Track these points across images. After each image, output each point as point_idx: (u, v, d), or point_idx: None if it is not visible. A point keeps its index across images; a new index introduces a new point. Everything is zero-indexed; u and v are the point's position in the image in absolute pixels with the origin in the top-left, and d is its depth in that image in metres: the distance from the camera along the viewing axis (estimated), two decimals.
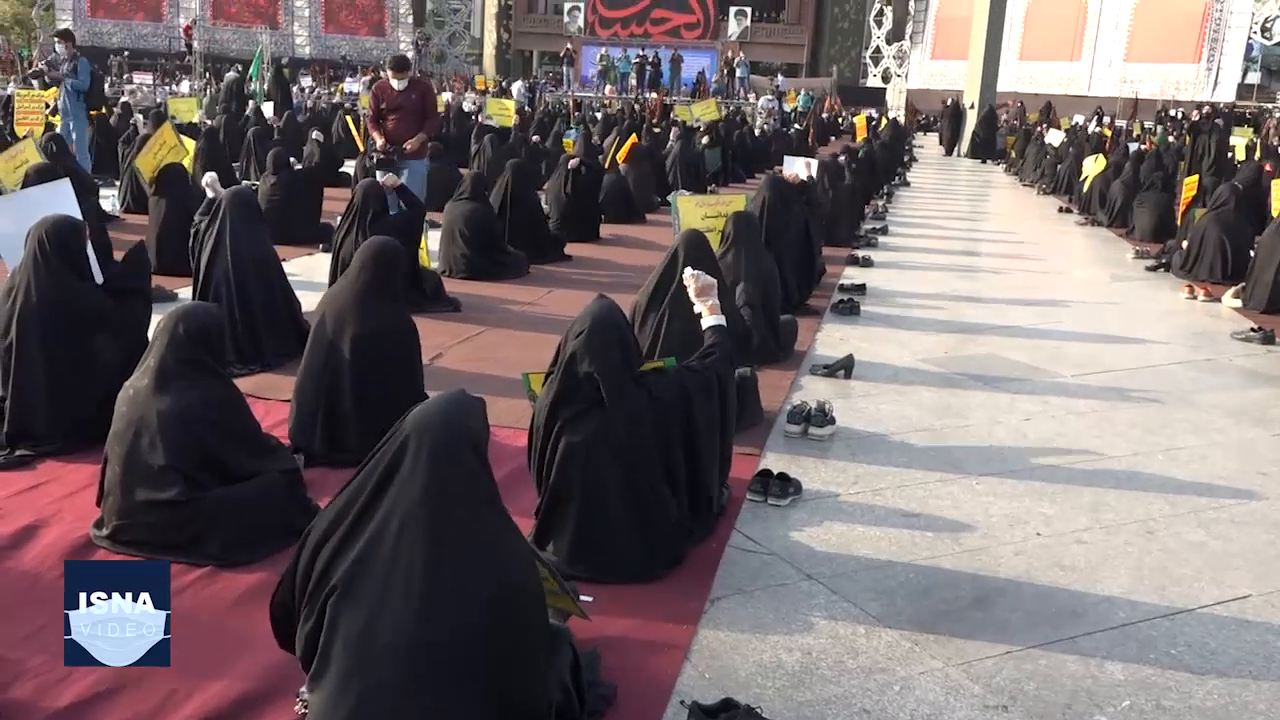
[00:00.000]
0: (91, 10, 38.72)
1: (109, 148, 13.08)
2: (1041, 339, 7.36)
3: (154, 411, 3.43)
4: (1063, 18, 36.37)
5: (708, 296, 3.94)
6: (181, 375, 3.48)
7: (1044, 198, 17.47)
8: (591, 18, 43.25)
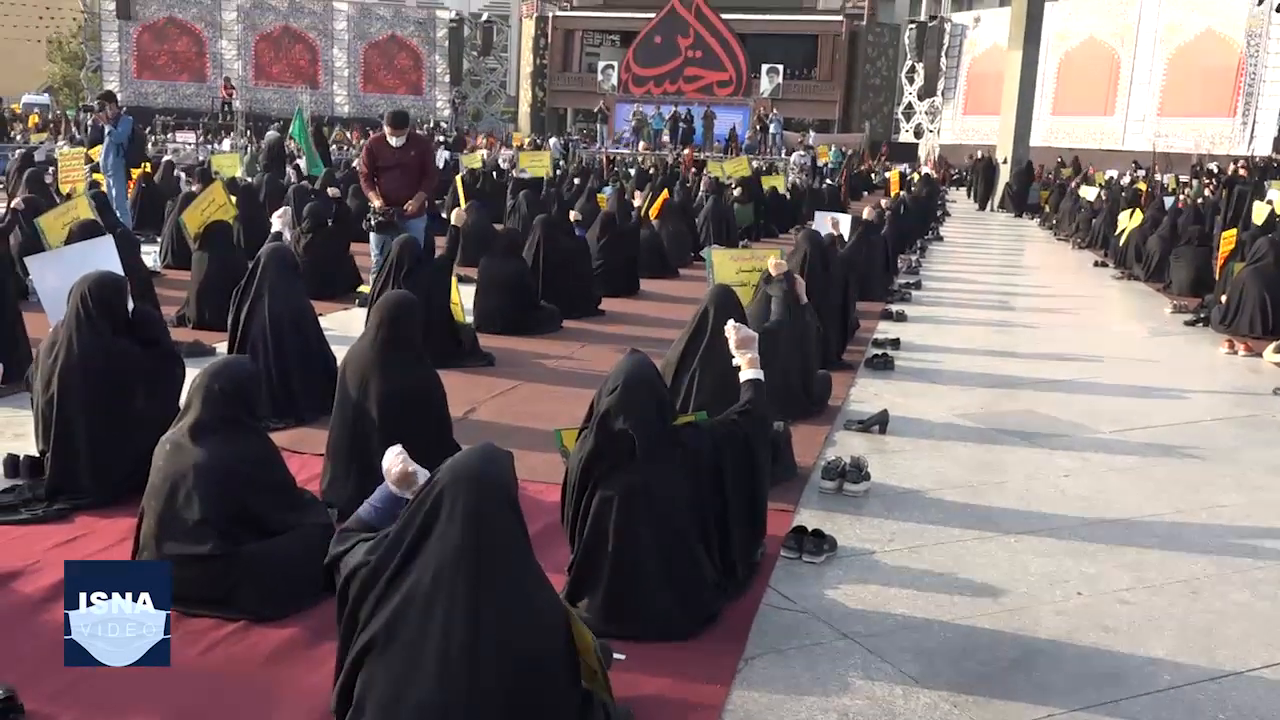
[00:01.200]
0: (137, 71, 39.71)
1: (151, 205, 13.32)
2: (1079, 394, 7.29)
3: (190, 466, 3.45)
4: (1095, 72, 36.42)
5: (747, 350, 3.93)
6: (217, 430, 3.51)
7: (1079, 252, 17.39)
8: (625, 76, 43.80)
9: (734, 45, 42.54)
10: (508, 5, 58.19)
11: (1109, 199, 19.54)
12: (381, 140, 8.69)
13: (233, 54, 40.81)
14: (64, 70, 55.97)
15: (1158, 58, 34.57)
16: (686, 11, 42.48)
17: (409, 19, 44.50)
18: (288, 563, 3.52)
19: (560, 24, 47.65)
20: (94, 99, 15.04)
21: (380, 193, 8.55)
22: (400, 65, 43.37)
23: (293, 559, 3.54)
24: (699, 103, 39.42)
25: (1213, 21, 33.15)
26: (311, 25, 42.26)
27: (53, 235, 8.29)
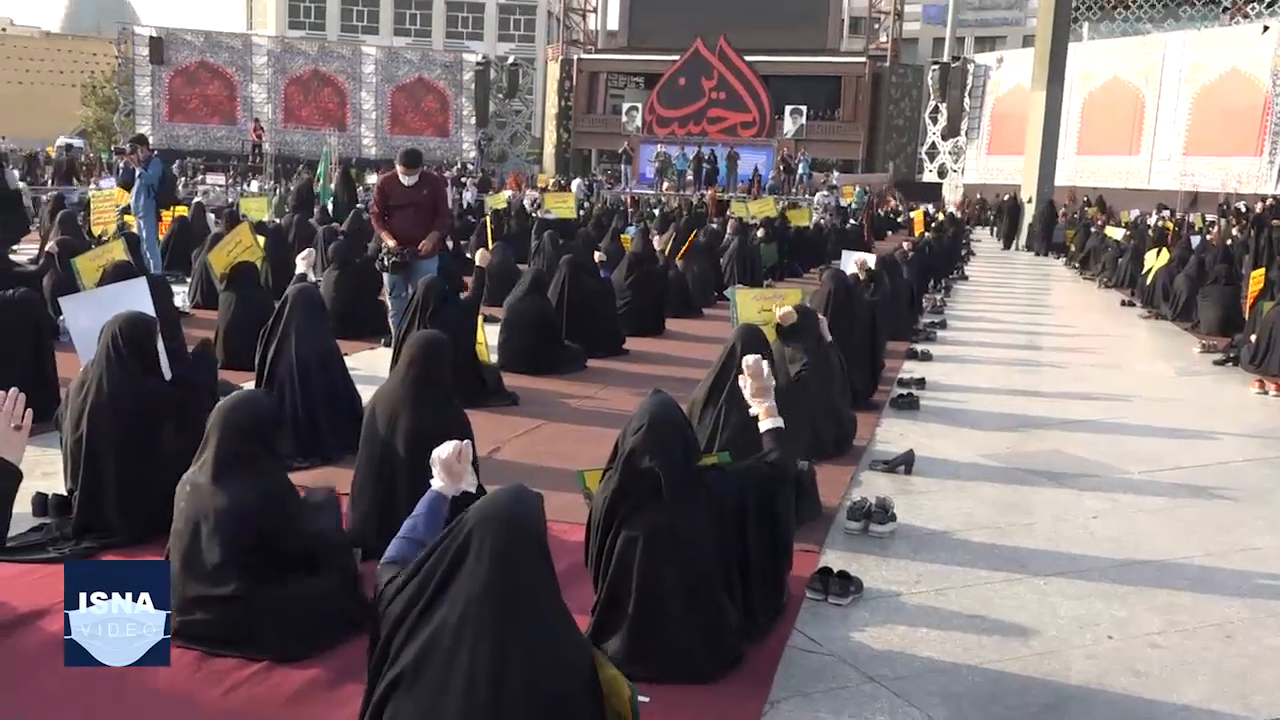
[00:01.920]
0: (169, 115, 40.37)
1: (182, 246, 13.49)
2: (1107, 434, 7.22)
3: (210, 508, 3.46)
4: (1120, 112, 36.40)
5: (764, 398, 3.90)
6: (236, 468, 3.51)
7: (1106, 291, 17.30)
8: (649, 117, 44.11)
9: (757, 87, 42.80)
10: (533, 48, 59.00)
11: (1135, 238, 19.46)
12: (394, 179, 8.69)
13: (263, 97, 41.43)
14: (98, 114, 56.97)
15: (1182, 97, 34.52)
16: (710, 54, 42.81)
17: (436, 62, 45.11)
18: (311, 602, 3.52)
19: (585, 67, 48.12)
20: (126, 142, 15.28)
21: (392, 232, 8.55)
22: (427, 108, 43.89)
23: (316, 599, 3.54)
24: (723, 143, 39.64)
25: (1237, 61, 33.11)
26: (340, 69, 42.89)
27: (87, 276, 8.42)
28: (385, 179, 9.03)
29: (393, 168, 8.78)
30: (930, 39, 57.37)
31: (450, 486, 3.05)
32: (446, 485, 3.05)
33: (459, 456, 3.07)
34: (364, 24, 60.67)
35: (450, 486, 3.05)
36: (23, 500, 4.69)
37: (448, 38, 59.99)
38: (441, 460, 3.06)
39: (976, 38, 57.22)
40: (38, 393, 6.14)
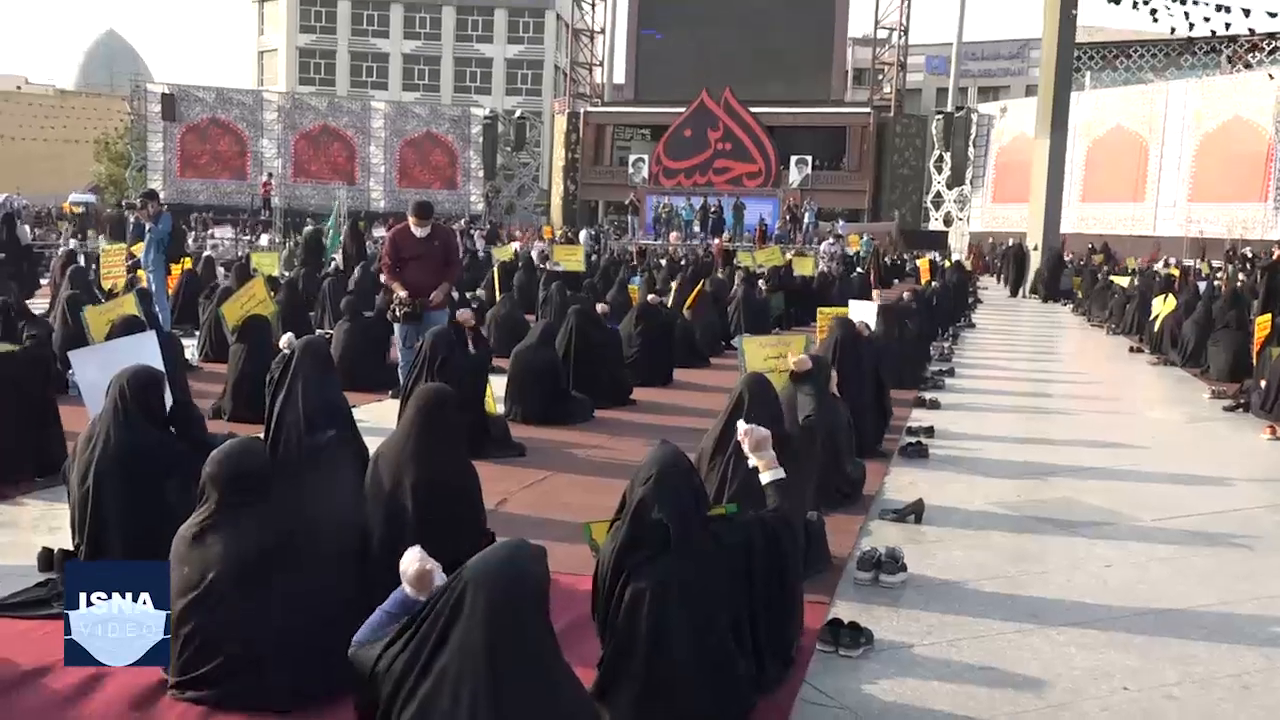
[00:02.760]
0: (180, 170, 40.81)
1: (190, 300, 13.57)
2: (1118, 481, 7.17)
3: (211, 562, 3.42)
4: (1124, 159, 36.60)
5: (763, 452, 3.89)
6: (234, 521, 3.47)
7: (1113, 338, 17.28)
8: (655, 168, 44.43)
9: (763, 137, 43.16)
10: (541, 102, 59.63)
11: (1141, 284, 19.47)
12: (405, 230, 8.77)
13: (273, 152, 41.89)
14: (110, 170, 57.62)
15: (1186, 145, 34.73)
16: (716, 106, 43.23)
17: (444, 116, 45.62)
18: (319, 655, 3.48)
19: (592, 119, 48.60)
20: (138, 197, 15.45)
21: (404, 283, 8.61)
22: (435, 161, 44.33)
23: (324, 652, 3.50)
24: (729, 194, 39.90)
25: (1240, 109, 33.34)
26: (349, 124, 43.38)
27: (97, 330, 8.47)
28: (397, 230, 9.09)
29: (402, 220, 8.85)
30: (934, 89, 57.98)
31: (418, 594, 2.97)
32: (415, 593, 2.97)
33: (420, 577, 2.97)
34: (373, 80, 61.45)
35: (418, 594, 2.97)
36: (28, 555, 4.70)
37: (456, 92, 60.70)
38: (408, 575, 2.99)
39: (979, 87, 57.72)
40: (46, 446, 6.19)
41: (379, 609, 2.96)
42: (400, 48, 61.87)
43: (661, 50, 47.26)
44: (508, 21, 62.03)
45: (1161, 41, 44.64)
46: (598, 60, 51.39)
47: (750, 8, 45.45)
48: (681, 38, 46.53)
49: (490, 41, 62.14)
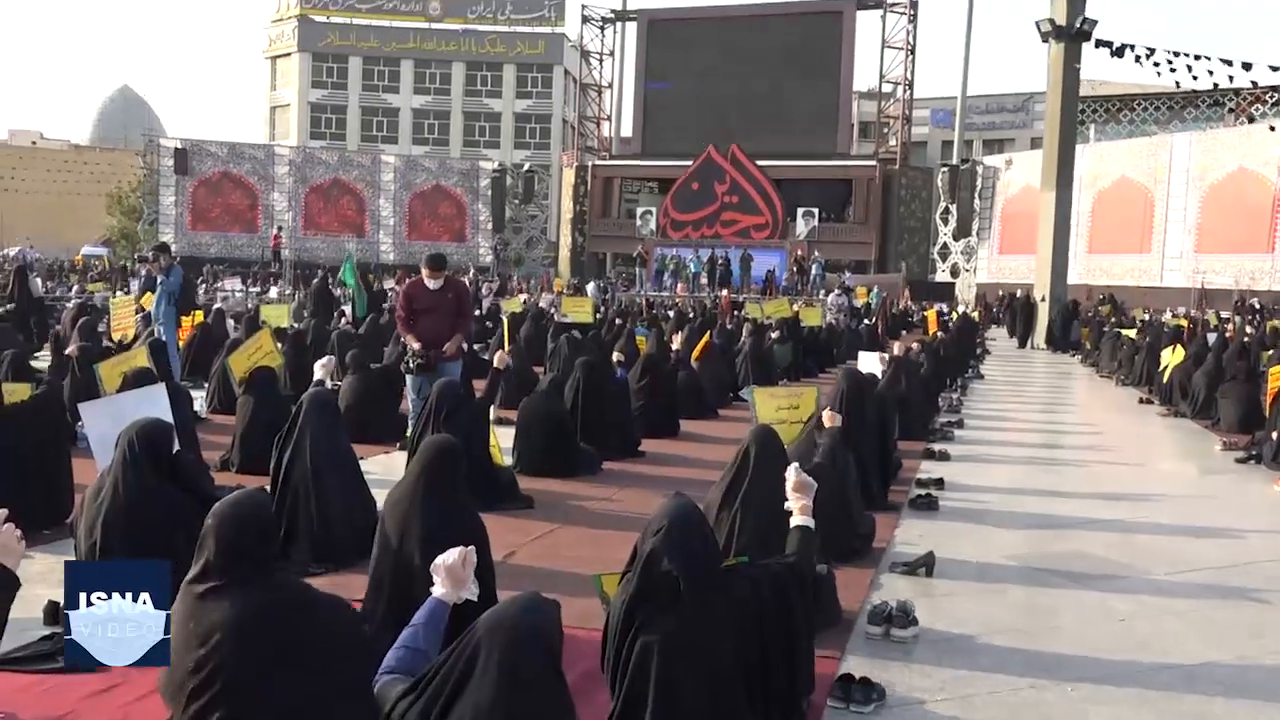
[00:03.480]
0: (192, 224, 41.23)
1: (202, 352, 13.63)
2: (1130, 534, 7.11)
3: (215, 622, 3.37)
4: (1130, 211, 36.78)
5: (803, 496, 3.88)
6: (237, 578, 3.43)
7: (1122, 389, 17.23)
8: (663, 220, 44.77)
9: (769, 190, 43.50)
10: (549, 155, 60.24)
11: (1149, 335, 19.45)
12: (419, 283, 8.86)
13: (284, 205, 42.31)
14: (122, 223, 58.18)
15: (1191, 196, 34.92)
16: (722, 159, 43.65)
17: (453, 170, 46.12)
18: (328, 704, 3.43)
19: (599, 172, 49.03)
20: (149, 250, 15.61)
21: (417, 335, 8.67)
22: (444, 214, 44.75)
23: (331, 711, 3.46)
24: (736, 246, 40.12)
25: (1244, 160, 33.55)
26: (360, 177, 43.86)
27: (109, 382, 8.51)
28: (411, 284, 9.18)
29: (412, 273, 8.92)
30: (939, 142, 58.44)
31: (452, 594, 3.01)
32: (448, 592, 3.01)
33: (464, 563, 3.04)
34: (384, 134, 62.19)
35: (452, 594, 3.01)
36: (34, 608, 4.67)
37: (465, 146, 61.38)
38: (446, 567, 3.03)
39: (984, 140, 58.21)
40: (54, 498, 6.18)
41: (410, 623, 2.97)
42: (410, 102, 62.66)
43: (668, 104, 47.83)
44: (516, 77, 62.86)
45: (1165, 95, 45.04)
46: (605, 114, 52.00)
47: (756, 63, 46.05)
48: (688, 92, 47.11)
49: (499, 96, 62.94)
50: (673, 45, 48.17)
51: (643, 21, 49.38)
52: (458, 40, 62.09)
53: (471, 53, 62.25)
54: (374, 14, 62.14)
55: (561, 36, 61.45)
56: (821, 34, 46.02)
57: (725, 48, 46.53)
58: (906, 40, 45.43)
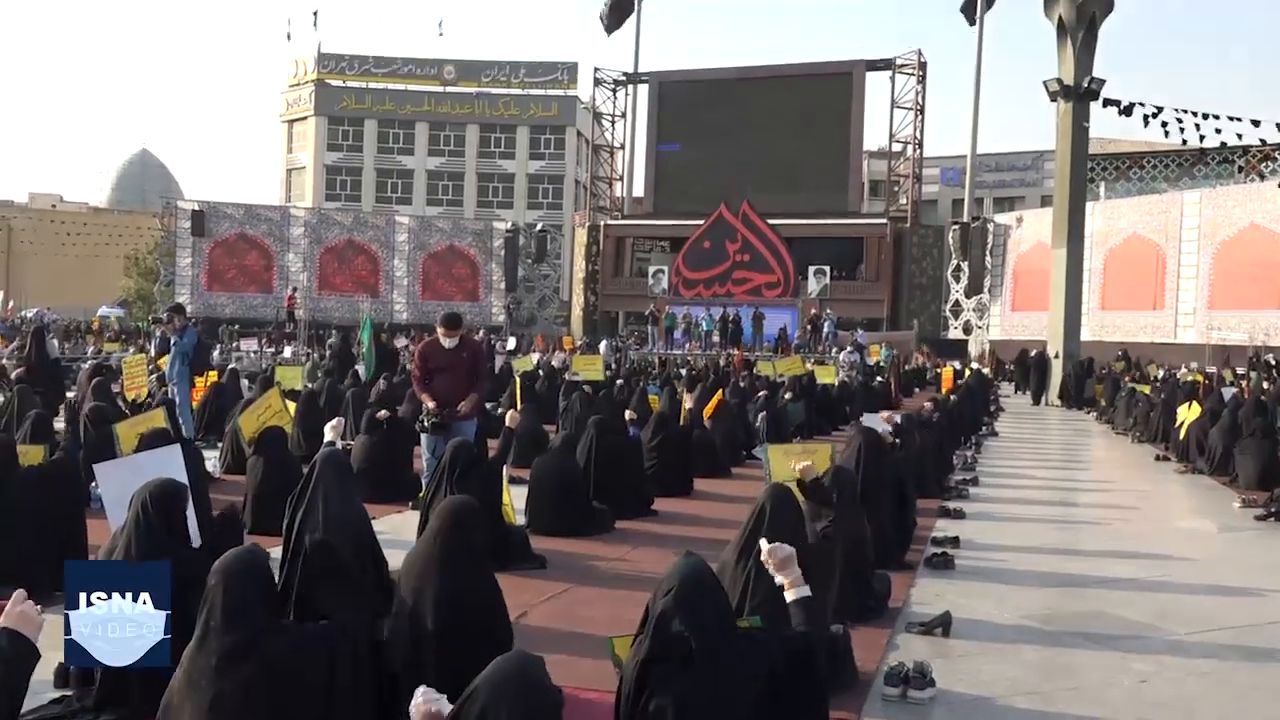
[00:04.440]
0: (208, 284, 41.60)
1: (216, 412, 13.68)
2: (1150, 593, 7.02)
3: (226, 686, 3.36)
4: (1142, 268, 36.84)
5: (788, 570, 3.82)
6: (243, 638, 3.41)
7: (1139, 446, 17.12)
8: (675, 279, 45.00)
9: (780, 248, 43.73)
10: (562, 215, 60.78)
11: (1165, 391, 19.36)
12: (435, 342, 8.88)
13: (298, 266, 42.68)
14: (139, 284, 58.74)
15: (1203, 253, 34.98)
16: (734, 218, 43.96)
17: (467, 230, 46.55)
18: None
19: (612, 232, 49.40)
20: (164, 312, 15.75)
21: (433, 394, 8.68)
22: (458, 273, 45.06)
23: None
24: (748, 304, 40.23)
25: (1255, 216, 33.63)
26: (374, 238, 44.28)
27: (126, 443, 8.53)
28: (426, 343, 9.20)
29: (426, 333, 8.97)
30: (949, 199, 58.78)
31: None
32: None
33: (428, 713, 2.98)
34: (398, 195, 62.92)
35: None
36: (45, 671, 4.64)
37: (479, 206, 62.02)
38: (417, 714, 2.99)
39: (995, 198, 58.51)
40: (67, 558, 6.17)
41: None
42: (425, 164, 63.47)
43: (680, 164, 48.27)
44: (529, 138, 63.67)
45: (1174, 152, 45.33)
46: (618, 175, 52.50)
47: (766, 123, 46.52)
48: (699, 152, 47.56)
49: (512, 157, 63.71)
50: (684, 106, 48.73)
51: (654, 83, 50.01)
52: (472, 103, 63.04)
53: (485, 115, 63.16)
54: (389, 78, 63.22)
55: (574, 99, 62.30)
56: (831, 94, 46.53)
57: (736, 108, 47.03)
58: (916, 100, 45.87)
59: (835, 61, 48.03)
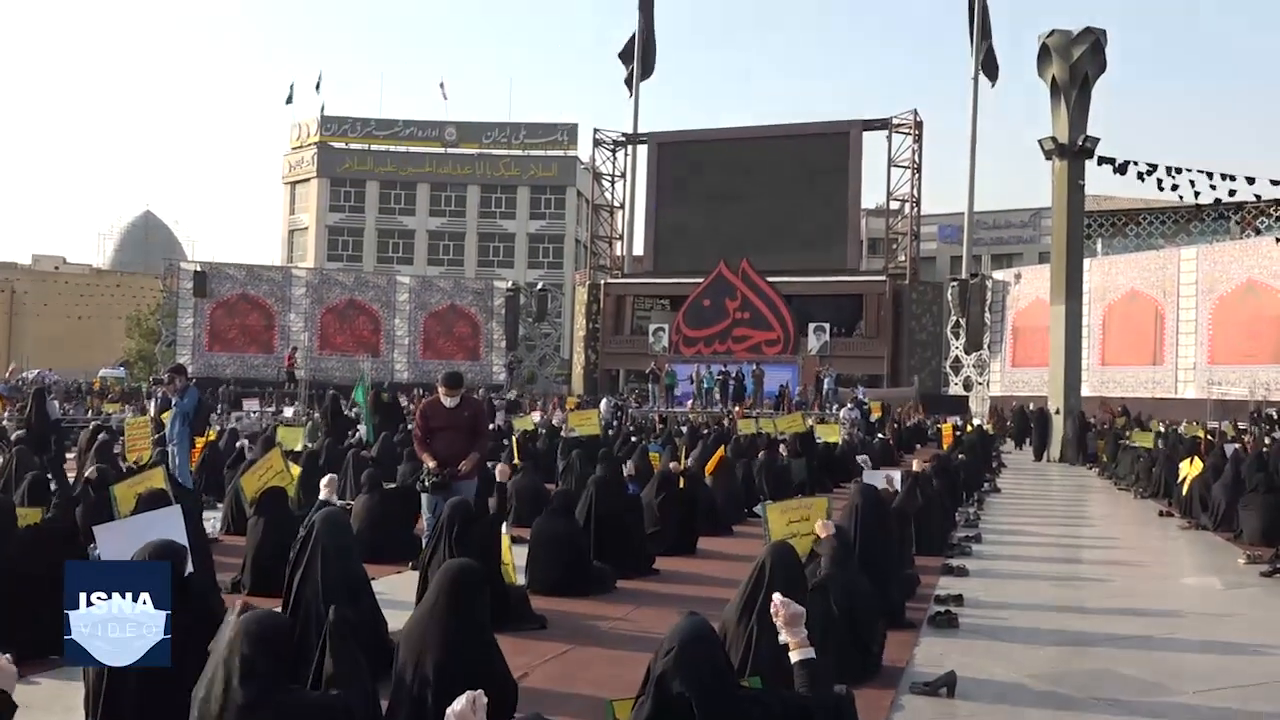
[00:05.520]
0: (209, 345, 41.70)
1: (213, 472, 13.64)
2: (1157, 651, 6.95)
3: None
4: (1141, 323, 36.96)
5: (795, 628, 3.78)
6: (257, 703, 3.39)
7: (1141, 501, 17.04)
8: (675, 337, 45.15)
9: (780, 306, 43.94)
10: (562, 274, 61.11)
11: (1167, 446, 19.32)
12: (435, 401, 8.91)
13: (300, 326, 42.82)
14: (141, 345, 58.89)
15: (1202, 308, 35.10)
16: (733, 275, 44.22)
17: (468, 289, 46.79)
18: None
19: (612, 290, 49.63)
20: (165, 372, 15.77)
21: (434, 453, 8.67)
22: (459, 333, 45.21)
23: None
24: (748, 361, 40.29)
25: (1252, 272, 33.81)
26: (375, 298, 44.49)
27: (124, 503, 8.48)
28: (427, 402, 9.22)
29: (427, 392, 8.99)
30: (948, 256, 59.08)
31: None
32: None
33: (474, 708, 2.96)
34: (399, 255, 63.35)
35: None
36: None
37: (479, 266, 62.43)
38: (456, 714, 2.95)
39: (993, 255, 58.84)
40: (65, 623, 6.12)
41: None
42: (426, 224, 64.01)
43: (679, 223, 48.63)
44: (530, 198, 64.27)
45: (1170, 208, 45.68)
46: (618, 234, 52.88)
47: (764, 182, 46.95)
48: (699, 211, 47.94)
49: (513, 217, 64.27)
50: (683, 166, 49.20)
51: (653, 144, 50.53)
52: (472, 164, 63.75)
53: (486, 176, 63.84)
54: (391, 140, 63.98)
55: (574, 159, 62.99)
56: (829, 153, 46.97)
57: (734, 167, 47.50)
58: (912, 159, 46.30)
59: (832, 121, 48.58)
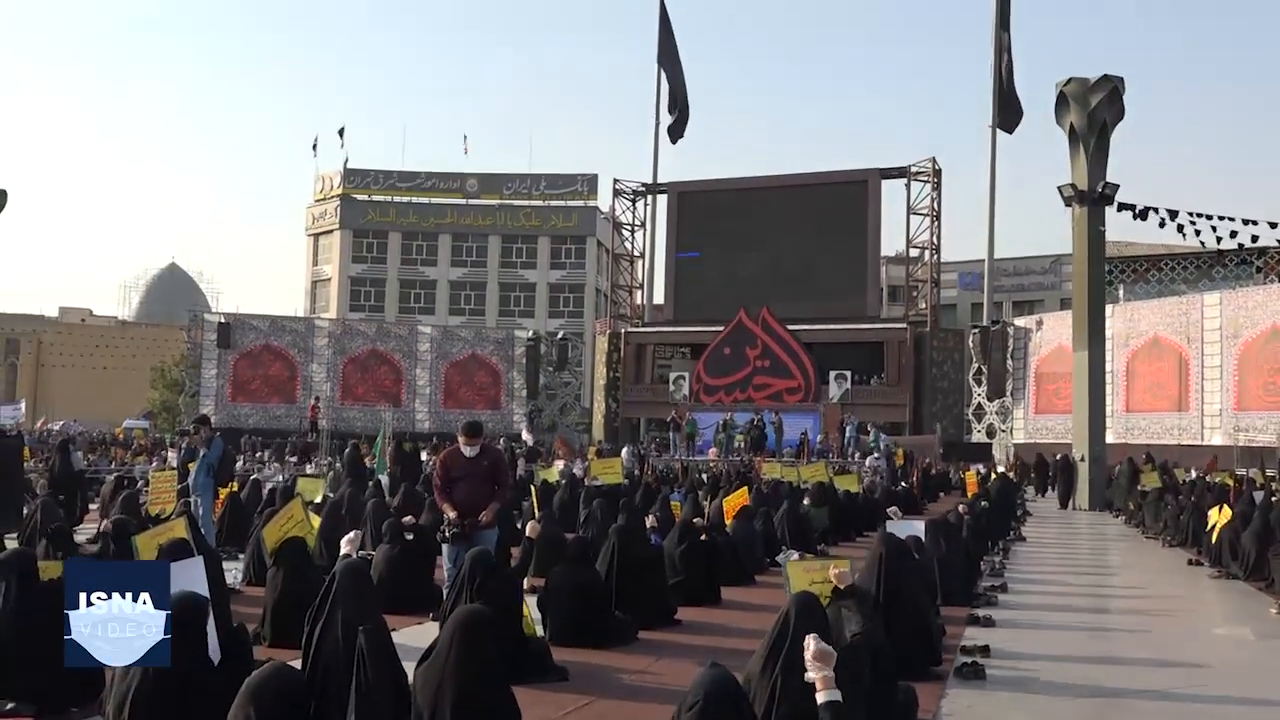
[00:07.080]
0: (232, 395, 41.94)
1: (236, 523, 13.66)
2: (1189, 704, 6.83)
3: None
4: (1165, 370, 36.68)
5: (824, 666, 3.76)
6: None
7: (1170, 550, 16.82)
8: (696, 386, 45.10)
9: (800, 354, 43.87)
10: (583, 323, 61.36)
11: (1195, 494, 19.11)
12: (456, 451, 8.92)
13: (322, 376, 43.04)
14: (165, 396, 59.35)
15: (1227, 354, 34.83)
16: (753, 324, 44.23)
17: (489, 339, 46.98)
18: None
19: (632, 339, 49.73)
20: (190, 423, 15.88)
21: (454, 503, 8.65)
22: (479, 382, 45.31)
23: None
24: (769, 409, 40.17)
25: (1277, 317, 33.56)
26: (397, 348, 44.71)
27: (146, 554, 8.49)
28: (447, 452, 9.22)
29: (448, 441, 8.98)
30: (968, 303, 59.04)
31: None
32: None
33: None
34: (420, 305, 63.83)
35: None
36: None
37: (500, 315, 62.82)
38: None
39: (1014, 301, 58.73)
40: (86, 675, 6.11)
41: None
42: (447, 275, 64.54)
43: (699, 272, 48.79)
44: (550, 248, 64.78)
45: (1192, 254, 45.51)
46: (638, 283, 53.13)
47: (784, 230, 47.11)
48: (719, 260, 48.09)
49: (534, 267, 64.74)
50: (702, 215, 49.44)
51: (673, 193, 50.84)
52: (494, 215, 64.38)
53: (507, 226, 64.44)
54: (413, 192, 64.77)
55: (594, 210, 63.50)
56: (848, 202, 47.10)
57: (753, 216, 47.69)
58: (931, 206, 46.36)
59: (851, 170, 48.78)
